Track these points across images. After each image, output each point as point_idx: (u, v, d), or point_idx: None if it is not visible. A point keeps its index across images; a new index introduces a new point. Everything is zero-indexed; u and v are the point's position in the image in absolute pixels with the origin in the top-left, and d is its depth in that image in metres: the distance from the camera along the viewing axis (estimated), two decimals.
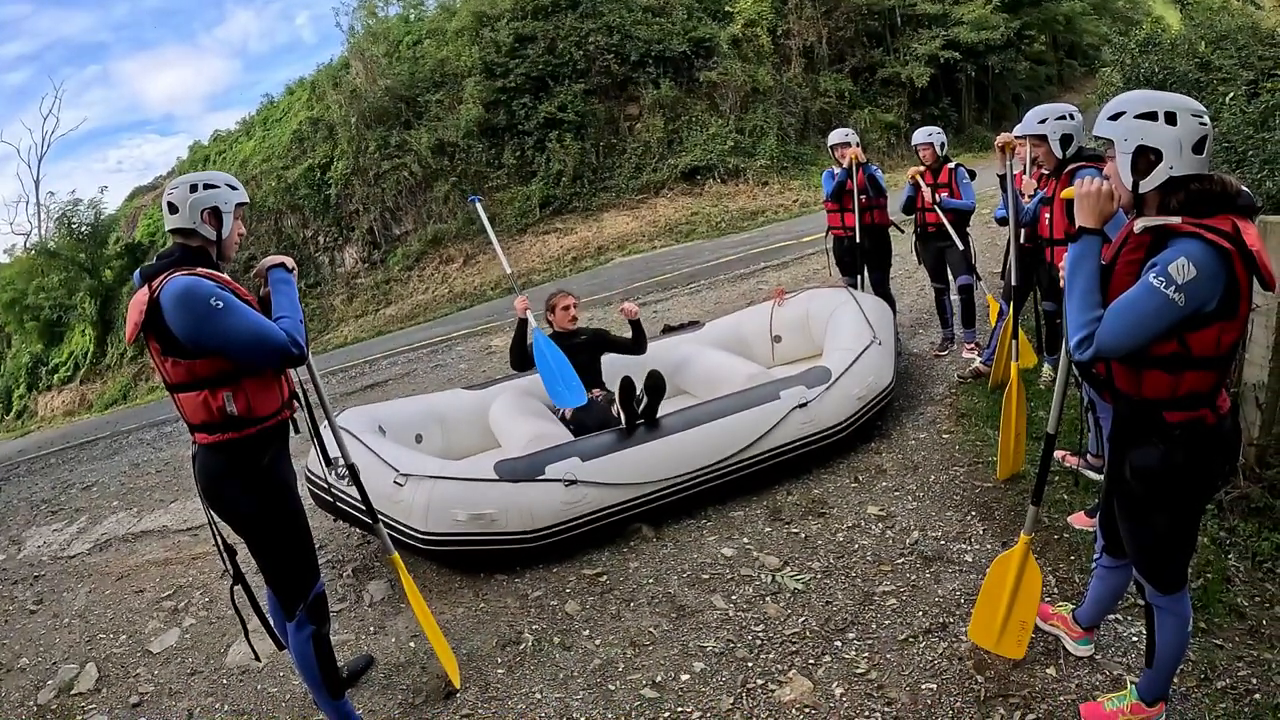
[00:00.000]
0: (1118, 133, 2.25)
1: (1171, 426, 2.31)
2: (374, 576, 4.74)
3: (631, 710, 3.36)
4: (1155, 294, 2.09)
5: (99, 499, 7.20)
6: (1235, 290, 2.11)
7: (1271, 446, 3.74)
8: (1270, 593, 3.38)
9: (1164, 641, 2.62)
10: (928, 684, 3.25)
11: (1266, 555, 3.55)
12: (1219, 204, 2.15)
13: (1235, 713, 2.85)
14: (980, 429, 5.39)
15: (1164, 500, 2.41)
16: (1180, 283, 2.05)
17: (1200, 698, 2.93)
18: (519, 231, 21.35)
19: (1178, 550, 2.51)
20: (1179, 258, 2.07)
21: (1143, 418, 2.37)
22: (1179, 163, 2.16)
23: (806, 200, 19.56)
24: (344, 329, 20.89)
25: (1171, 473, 2.35)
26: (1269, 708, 2.82)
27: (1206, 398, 2.28)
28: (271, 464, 2.95)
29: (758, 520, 4.72)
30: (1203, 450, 2.33)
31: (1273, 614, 3.27)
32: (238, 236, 3.03)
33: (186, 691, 3.94)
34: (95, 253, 27.67)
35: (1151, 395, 2.31)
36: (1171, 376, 2.25)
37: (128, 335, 2.82)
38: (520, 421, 5.22)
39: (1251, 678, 2.98)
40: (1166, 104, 2.18)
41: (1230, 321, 2.15)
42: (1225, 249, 2.06)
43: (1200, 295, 2.07)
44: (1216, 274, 2.07)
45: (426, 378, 10.16)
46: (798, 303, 6.75)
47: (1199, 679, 3.01)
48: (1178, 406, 2.29)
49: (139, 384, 24.03)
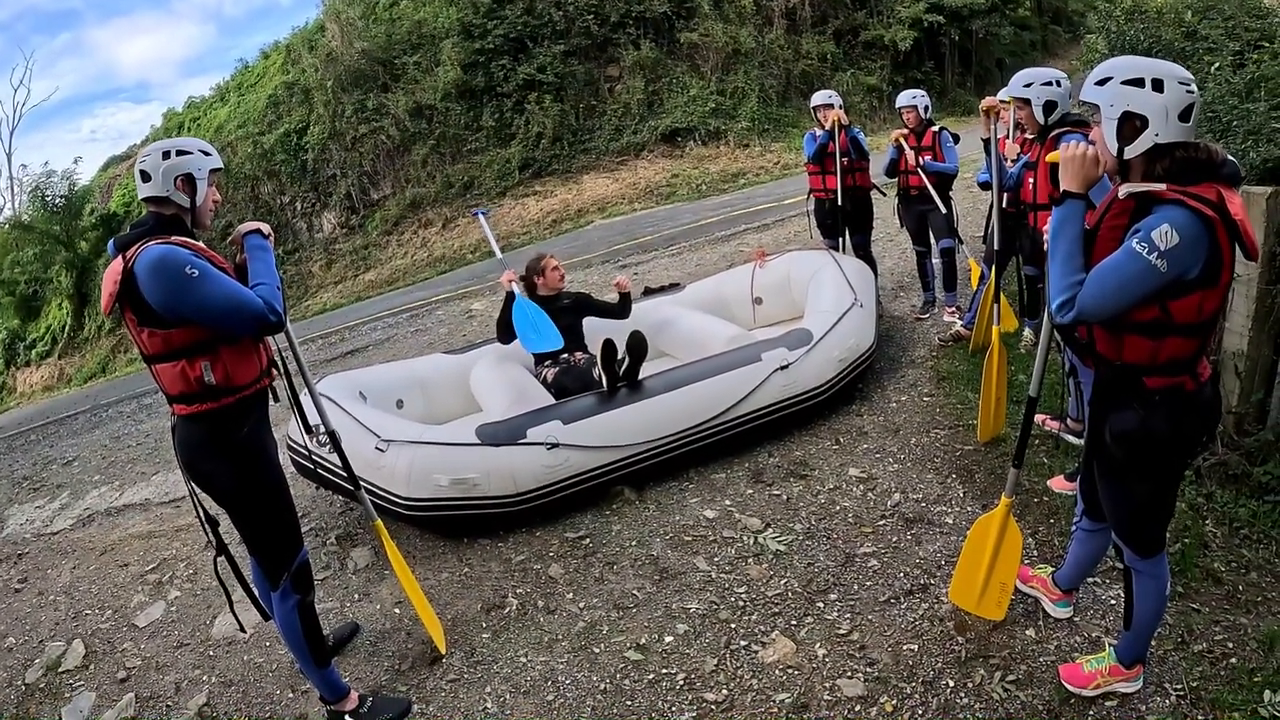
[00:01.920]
0: (1104, 98, 2.23)
1: (1151, 392, 2.32)
2: (358, 544, 4.73)
3: (616, 672, 3.38)
4: (1137, 259, 2.09)
5: (80, 474, 7.13)
6: (1218, 258, 2.10)
7: (1250, 414, 3.78)
8: (1246, 558, 3.43)
9: (1142, 605, 2.66)
10: (909, 645, 3.29)
11: (1243, 521, 3.59)
12: (1204, 172, 2.15)
13: (1212, 676, 2.89)
14: (961, 392, 5.42)
15: (1143, 465, 2.43)
16: (1163, 249, 2.05)
17: (1177, 661, 2.98)
18: (498, 195, 21.16)
19: (1156, 515, 2.53)
20: (1162, 224, 2.07)
21: (1123, 382, 2.38)
22: (1164, 130, 2.14)
23: (788, 163, 19.45)
24: (323, 295, 20.71)
25: (1151, 438, 2.36)
26: (1245, 671, 2.87)
27: (1187, 364, 2.29)
28: (251, 433, 2.92)
29: (739, 482, 4.75)
30: (1182, 416, 2.34)
31: (1249, 579, 3.32)
32: (212, 203, 2.97)
33: (173, 664, 3.93)
34: (70, 225, 27.20)
35: (1132, 360, 2.32)
36: (1152, 342, 2.25)
37: (103, 307, 2.77)
38: (501, 385, 5.20)
39: (1228, 642, 3.03)
40: (1154, 71, 2.16)
41: (1212, 289, 2.15)
42: (1209, 217, 2.06)
43: (1182, 262, 2.07)
44: (1199, 241, 2.07)
45: (407, 343, 10.09)
46: (779, 265, 6.74)
47: (1176, 642, 3.06)
48: (1158, 372, 2.30)
49: (118, 356, 23.73)
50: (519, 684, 3.41)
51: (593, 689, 3.32)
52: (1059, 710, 2.86)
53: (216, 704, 3.59)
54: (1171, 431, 2.35)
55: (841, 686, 3.12)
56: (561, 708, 3.24)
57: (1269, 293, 3.53)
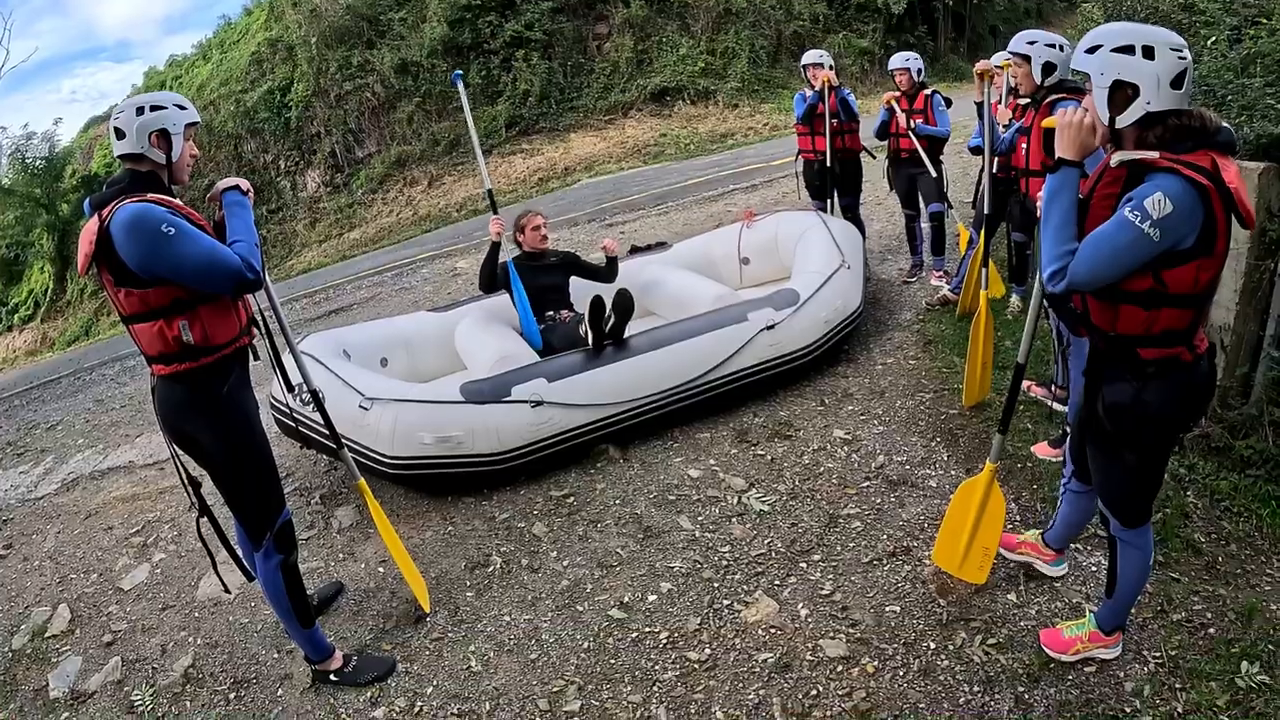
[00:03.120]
0: (1094, 66, 2.20)
1: (1146, 363, 2.29)
2: (341, 503, 4.72)
3: (600, 630, 3.40)
4: (1130, 228, 2.05)
5: (64, 438, 7.08)
6: (1213, 227, 2.07)
7: (1234, 389, 3.79)
8: (1226, 531, 3.45)
9: (1125, 574, 2.67)
10: (891, 606, 3.31)
11: (1224, 494, 3.61)
12: (1198, 139, 2.11)
13: (1190, 645, 2.92)
14: (947, 356, 5.42)
15: (1135, 437, 2.41)
16: (1156, 218, 2.01)
17: (1157, 629, 3.01)
18: (484, 152, 20.87)
19: (1144, 487, 2.52)
20: (1155, 193, 2.03)
21: (1117, 353, 2.34)
22: (1156, 98, 2.11)
23: (777, 124, 19.30)
24: (307, 254, 20.50)
25: (1143, 410, 2.33)
26: (1223, 642, 2.90)
27: (1182, 336, 2.25)
28: (231, 392, 2.89)
29: (724, 442, 4.75)
30: (1176, 389, 2.32)
31: (1228, 551, 3.34)
32: (189, 159, 2.90)
33: (159, 627, 3.92)
34: (51, 187, 26.67)
35: (1126, 331, 2.28)
36: (1147, 313, 2.22)
37: (80, 267, 2.72)
38: (486, 343, 5.18)
39: (1206, 612, 3.05)
40: (1144, 37, 2.12)
41: (1208, 259, 2.12)
42: (1203, 185, 2.03)
43: (1176, 231, 2.04)
44: (1193, 210, 2.03)
45: (391, 301, 10.03)
46: (766, 225, 6.70)
47: (1156, 611, 3.08)
48: (1153, 343, 2.27)
49: (100, 319, 23.44)
50: (503, 642, 3.42)
51: (576, 647, 3.33)
52: (1039, 674, 2.88)
53: (202, 665, 3.59)
54: (1165, 405, 2.33)
55: (824, 647, 3.14)
56: (545, 666, 3.26)
57: (1258, 268, 3.53)
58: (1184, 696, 2.73)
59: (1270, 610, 3.02)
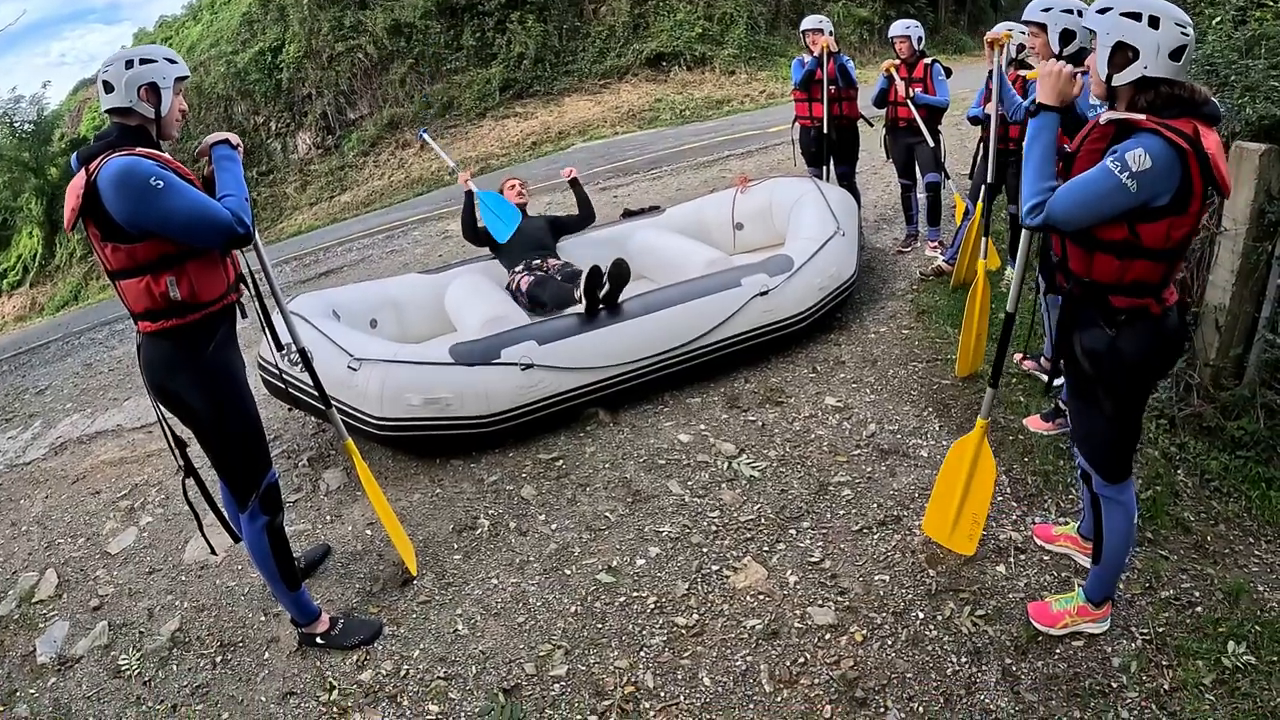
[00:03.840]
0: (1101, 26, 2.30)
1: (1117, 311, 2.41)
2: (329, 465, 4.69)
3: (587, 594, 3.38)
4: (1110, 177, 2.17)
5: (53, 403, 7.02)
6: (1188, 188, 2.18)
7: (1227, 369, 3.78)
8: (1216, 510, 3.44)
9: (1111, 534, 2.69)
10: (880, 575, 3.30)
11: (1214, 474, 3.61)
12: (1184, 108, 2.23)
13: (1177, 623, 2.92)
14: (940, 327, 5.40)
15: (1109, 383, 2.49)
16: (1134, 170, 2.14)
17: (1144, 605, 3.01)
18: (478, 116, 20.77)
19: (1123, 437, 2.59)
20: (1137, 148, 2.15)
21: (1091, 300, 2.46)
22: (1154, 65, 2.21)
23: (773, 92, 19.17)
24: (298, 217, 20.33)
25: (1117, 356, 2.43)
26: (1210, 621, 2.90)
27: (1153, 288, 2.37)
28: (218, 350, 2.85)
29: (715, 407, 4.73)
30: (1148, 338, 2.43)
31: (1217, 531, 3.34)
32: (179, 113, 2.85)
33: (146, 591, 3.89)
34: (40, 151, 26.22)
35: (1100, 278, 2.41)
36: (1120, 262, 2.34)
37: (66, 222, 2.67)
38: (476, 305, 5.13)
39: (1194, 590, 3.05)
40: (1153, 8, 2.21)
41: (1180, 217, 2.23)
42: (1182, 148, 2.14)
43: (1152, 187, 2.15)
44: (1171, 170, 2.15)
45: (382, 263, 9.96)
46: (761, 191, 6.64)
47: (1144, 587, 3.08)
48: (1124, 292, 2.38)
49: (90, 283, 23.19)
50: (490, 605, 3.40)
51: (563, 611, 3.31)
52: (1026, 647, 2.88)
53: (189, 629, 3.56)
54: (1138, 353, 2.43)
55: (812, 614, 3.13)
56: (533, 630, 3.24)
57: (1255, 249, 3.52)
58: (1170, 674, 2.73)
59: (1257, 591, 3.02)
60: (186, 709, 3.14)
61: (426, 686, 3.05)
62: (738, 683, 2.89)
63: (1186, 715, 2.58)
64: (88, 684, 3.37)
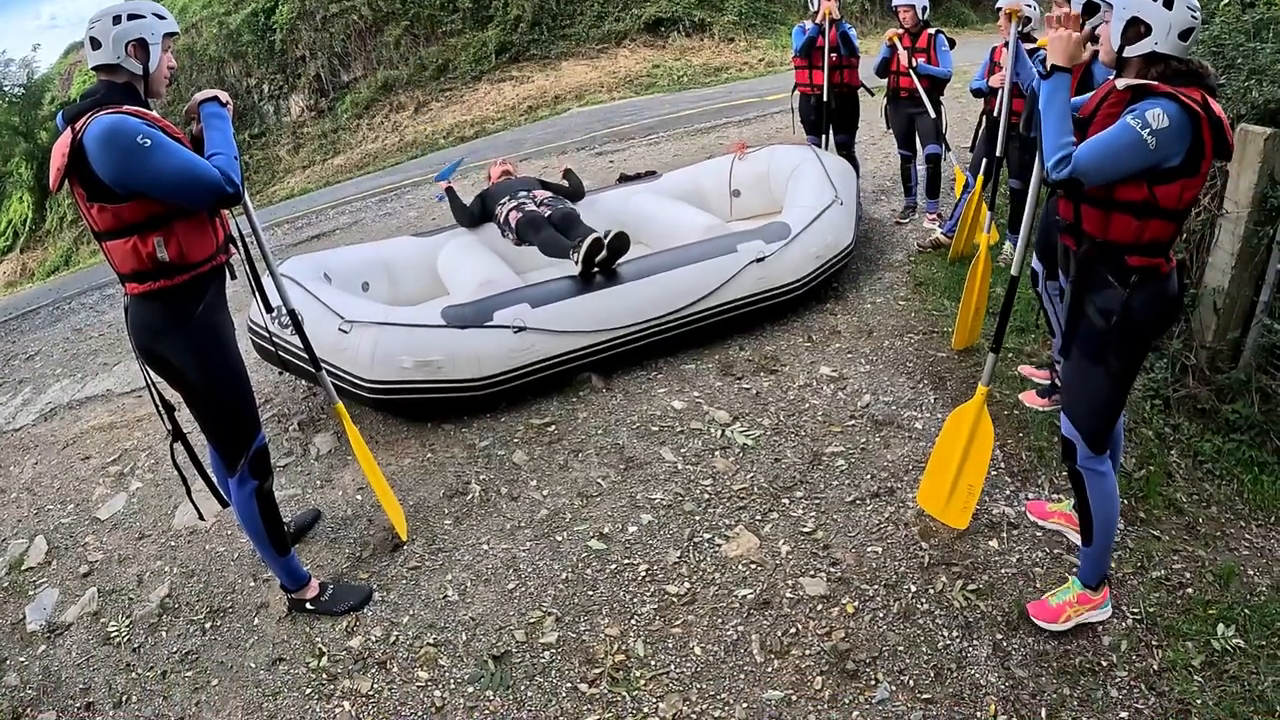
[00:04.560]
0: (1119, 0, 2.40)
1: (1131, 270, 2.48)
2: (320, 429, 4.66)
3: (578, 561, 3.37)
4: (1131, 132, 2.25)
5: (42, 368, 6.94)
6: (1200, 149, 2.29)
7: (1224, 352, 3.78)
8: (1208, 492, 3.44)
9: (1098, 508, 2.69)
10: (873, 547, 3.29)
11: (1208, 456, 3.60)
12: (1191, 79, 2.35)
13: (1168, 603, 2.92)
14: (937, 299, 5.36)
15: (1120, 341, 2.54)
16: (1154, 127, 2.23)
17: (1135, 585, 3.01)
18: (473, 79, 20.53)
19: (1117, 398, 2.64)
20: (1155, 107, 2.25)
21: (1106, 258, 2.52)
22: (1163, 41, 2.33)
23: (773, 60, 18.98)
24: (290, 180, 20.11)
25: (1129, 314, 2.49)
26: (1200, 603, 2.90)
27: (1164, 247, 2.47)
28: (206, 312, 2.80)
29: (709, 374, 4.70)
30: (1157, 297, 2.50)
31: (1209, 514, 3.34)
32: (167, 70, 2.79)
33: (135, 556, 3.87)
34: (30, 115, 25.82)
35: (1118, 238, 2.47)
36: (1138, 222, 2.42)
37: (52, 182, 2.60)
38: (469, 267, 5.08)
39: (1185, 571, 3.05)
40: None
41: (1192, 179, 2.33)
42: (1195, 112, 2.25)
43: (1168, 146, 2.25)
44: (1184, 131, 2.25)
45: (374, 226, 9.86)
46: (759, 158, 6.56)
47: (1135, 567, 3.09)
48: (1140, 251, 2.46)
49: (80, 248, 22.89)
50: (480, 571, 3.39)
51: (554, 578, 3.30)
52: (1017, 623, 2.88)
53: (178, 595, 3.55)
54: (1147, 311, 2.50)
55: (804, 585, 3.12)
56: (523, 596, 3.23)
57: (1256, 233, 3.51)
58: (1160, 654, 2.74)
59: (1248, 575, 3.03)
60: (176, 675, 3.13)
61: (416, 653, 3.04)
62: (728, 652, 2.88)
63: (1175, 696, 2.59)
64: (77, 651, 3.36)
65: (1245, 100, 3.70)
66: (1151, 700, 2.59)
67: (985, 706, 2.61)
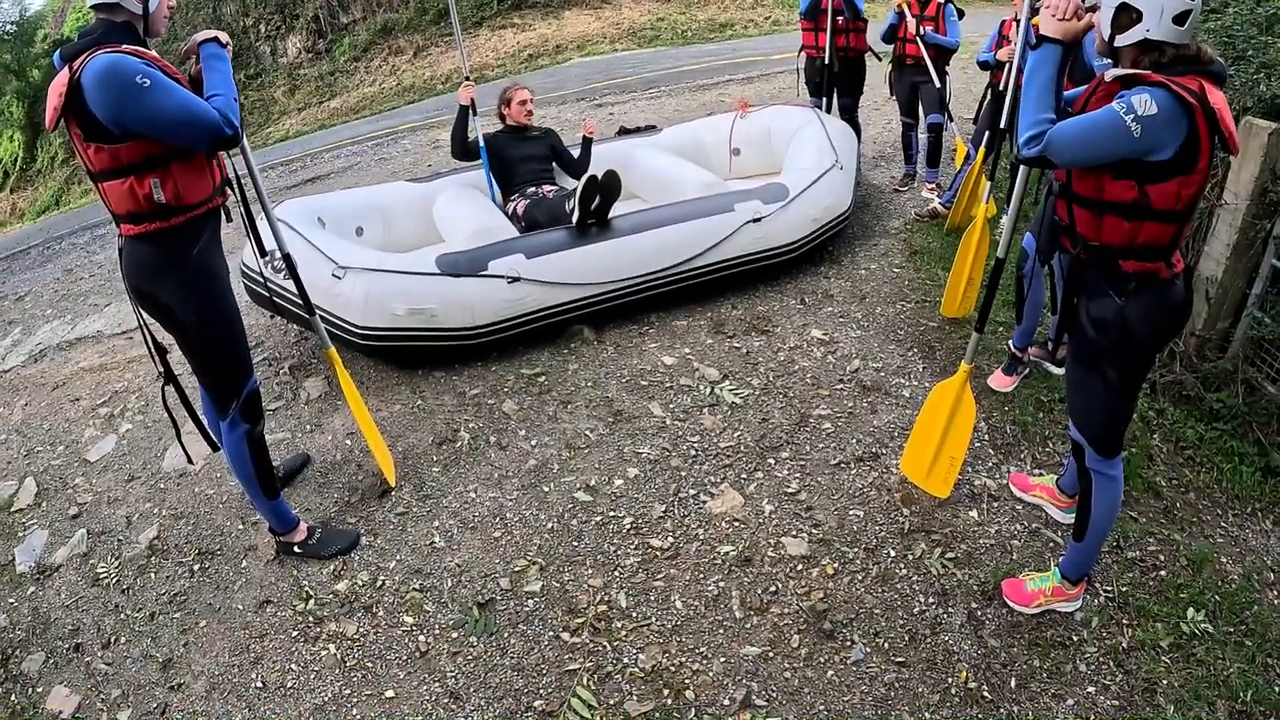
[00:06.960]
0: None
1: (1127, 276, 2.35)
2: (311, 374, 4.66)
3: (564, 512, 3.41)
4: (1114, 117, 2.13)
5: (32, 309, 6.91)
6: (1195, 144, 2.14)
7: (1213, 341, 3.80)
8: (1187, 478, 3.47)
9: (1099, 511, 2.67)
10: (855, 510, 3.34)
11: (1189, 442, 3.63)
12: (1190, 66, 2.20)
13: (1141, 584, 2.97)
14: (932, 269, 5.37)
15: (1115, 353, 2.44)
16: (1140, 114, 2.10)
17: (1110, 564, 3.05)
18: (474, 25, 20.24)
19: (1121, 408, 2.55)
20: (1144, 94, 2.12)
21: (1099, 264, 2.40)
22: (1156, 27, 2.20)
23: (779, 19, 18.77)
24: (286, 122, 19.87)
25: (1125, 324, 2.38)
26: (1172, 586, 2.95)
27: (1162, 251, 2.32)
28: (201, 254, 2.79)
29: (700, 331, 4.72)
30: (1157, 305, 2.37)
31: (1187, 499, 3.37)
32: (167, 10, 2.75)
33: (124, 498, 3.88)
34: (21, 53, 25.33)
35: (1110, 242, 2.35)
36: (1130, 224, 2.28)
37: (48, 122, 2.57)
38: (465, 215, 5.06)
39: (1160, 554, 3.09)
40: None
41: (1189, 176, 2.18)
42: (1188, 102, 2.10)
43: (1155, 136, 2.11)
44: (1176, 121, 2.11)
45: (370, 170, 9.80)
46: (761, 117, 6.52)
47: (1111, 547, 3.12)
48: (1135, 256, 2.33)
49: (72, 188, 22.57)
50: (467, 519, 3.42)
51: (540, 527, 3.34)
52: (992, 593, 2.93)
53: (167, 537, 3.57)
54: (1146, 321, 2.37)
55: (786, 544, 3.17)
56: (508, 545, 3.27)
57: (1253, 226, 3.51)
58: (1129, 633, 2.79)
59: (1220, 563, 3.07)
60: (164, 617, 3.17)
61: (402, 598, 3.08)
62: (709, 607, 2.93)
63: (1142, 674, 2.64)
64: (66, 592, 3.38)
65: (1253, 93, 3.67)
66: (1119, 677, 2.64)
67: (957, 673, 2.67)
